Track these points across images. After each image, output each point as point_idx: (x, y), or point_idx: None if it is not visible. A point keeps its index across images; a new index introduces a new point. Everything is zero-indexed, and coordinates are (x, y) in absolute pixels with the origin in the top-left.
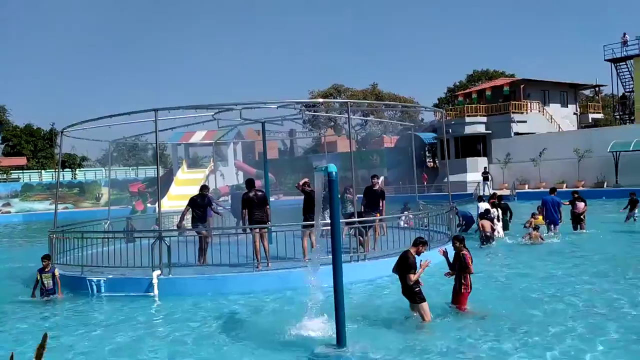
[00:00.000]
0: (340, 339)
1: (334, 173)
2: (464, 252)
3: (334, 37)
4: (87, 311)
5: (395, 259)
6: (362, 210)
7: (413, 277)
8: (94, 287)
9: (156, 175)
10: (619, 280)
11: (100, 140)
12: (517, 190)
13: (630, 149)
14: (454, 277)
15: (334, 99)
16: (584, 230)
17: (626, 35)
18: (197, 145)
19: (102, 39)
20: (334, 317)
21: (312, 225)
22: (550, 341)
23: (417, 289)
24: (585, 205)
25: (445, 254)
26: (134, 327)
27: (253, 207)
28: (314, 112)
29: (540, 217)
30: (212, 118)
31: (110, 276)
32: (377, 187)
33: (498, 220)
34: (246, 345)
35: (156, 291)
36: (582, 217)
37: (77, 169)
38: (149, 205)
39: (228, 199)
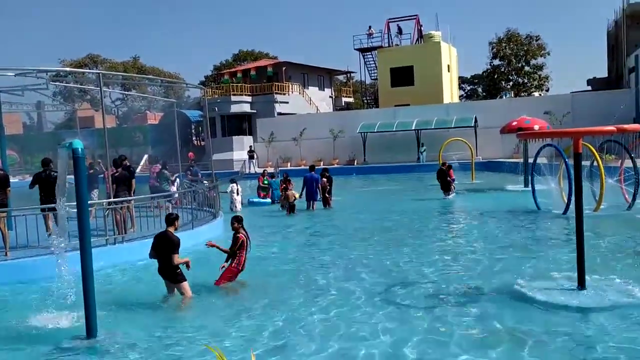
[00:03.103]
0: (90, 329)
1: (79, 150)
2: (240, 234)
3: (91, 5)
4: None
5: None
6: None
7: (177, 258)
8: None
9: None
10: (362, 248)
11: None
12: (280, 168)
13: (375, 130)
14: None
15: (88, 69)
16: (330, 207)
17: (372, 28)
18: None
19: None
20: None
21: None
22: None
23: (178, 269)
24: (328, 181)
25: (212, 245)
26: None
27: None
28: (65, 83)
29: (291, 193)
30: None
31: None
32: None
33: (237, 194)
34: None
35: None
36: (327, 193)
37: None
38: None
39: None
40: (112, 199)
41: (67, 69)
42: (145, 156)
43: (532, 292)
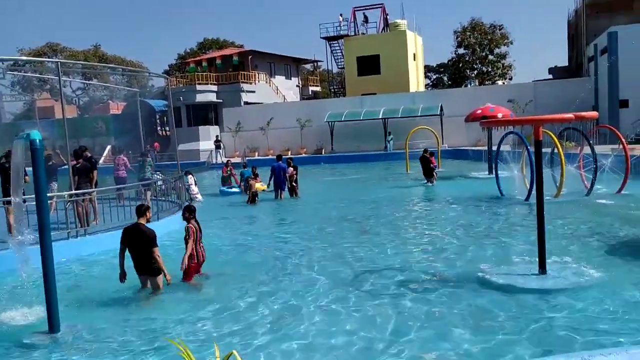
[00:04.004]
0: (53, 324)
1: (37, 141)
2: (189, 225)
3: None
4: None
5: (119, 232)
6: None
7: (158, 252)
8: None
9: None
10: (324, 237)
11: None
12: (247, 158)
13: (342, 119)
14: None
15: (47, 58)
16: (298, 196)
17: (342, 16)
18: None
19: None
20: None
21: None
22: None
23: (155, 262)
24: (294, 170)
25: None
26: None
27: None
28: (23, 72)
29: (258, 184)
30: None
31: None
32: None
33: (196, 184)
34: None
35: None
36: (293, 183)
37: None
38: None
39: None
40: (73, 191)
41: (25, 57)
42: (109, 147)
43: (495, 277)
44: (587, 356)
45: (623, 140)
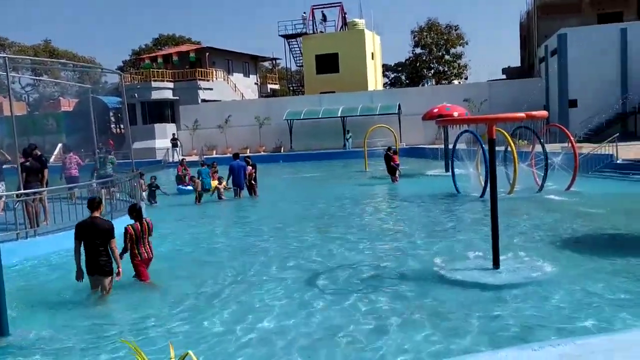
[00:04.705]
0: (1, 327)
1: None
2: (128, 226)
3: None
4: None
5: (71, 232)
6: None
7: (114, 244)
8: None
9: None
10: (283, 235)
11: None
12: (205, 156)
13: (301, 117)
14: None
15: None
16: (256, 195)
17: (305, 14)
18: None
19: None
20: None
21: None
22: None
23: (110, 260)
24: (253, 169)
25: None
26: None
27: None
28: None
29: (224, 182)
30: None
31: None
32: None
33: (141, 187)
34: None
35: None
36: (252, 181)
37: None
38: None
39: None
40: (22, 191)
41: None
42: (60, 145)
43: (450, 272)
44: (537, 347)
45: (572, 138)
